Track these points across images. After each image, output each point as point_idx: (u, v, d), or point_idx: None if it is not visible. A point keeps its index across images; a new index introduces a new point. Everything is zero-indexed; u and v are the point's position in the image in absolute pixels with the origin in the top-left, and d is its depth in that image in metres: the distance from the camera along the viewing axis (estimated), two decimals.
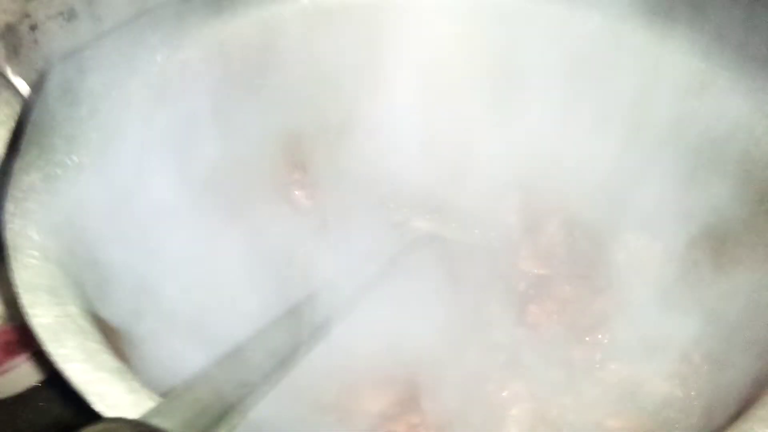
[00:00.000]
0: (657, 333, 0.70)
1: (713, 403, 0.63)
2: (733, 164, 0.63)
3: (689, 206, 0.70)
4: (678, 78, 0.68)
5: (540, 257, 0.77)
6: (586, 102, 0.76)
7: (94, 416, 0.34)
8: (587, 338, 0.68)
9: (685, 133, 0.68)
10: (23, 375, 0.73)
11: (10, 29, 0.74)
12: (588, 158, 0.81)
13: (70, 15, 0.76)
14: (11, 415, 0.72)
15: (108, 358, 0.37)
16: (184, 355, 0.46)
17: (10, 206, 0.44)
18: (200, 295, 0.57)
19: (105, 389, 0.35)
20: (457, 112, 0.81)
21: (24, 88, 0.77)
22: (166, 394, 0.36)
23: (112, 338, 0.41)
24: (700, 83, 0.66)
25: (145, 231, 0.55)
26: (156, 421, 0.32)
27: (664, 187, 0.73)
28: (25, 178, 0.46)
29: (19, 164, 0.48)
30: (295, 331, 0.46)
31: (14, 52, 0.76)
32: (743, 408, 0.44)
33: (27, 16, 0.74)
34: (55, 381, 0.75)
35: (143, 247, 0.56)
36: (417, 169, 0.82)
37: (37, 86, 0.56)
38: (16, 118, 0.63)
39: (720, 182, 0.65)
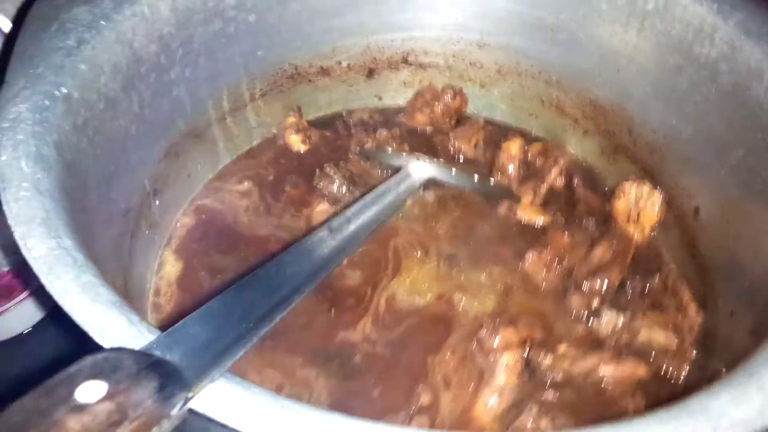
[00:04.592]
0: None
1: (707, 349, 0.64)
2: (741, 110, 0.62)
3: (694, 154, 0.69)
4: (688, 19, 0.66)
5: (539, 205, 0.76)
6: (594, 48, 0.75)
7: (93, 351, 0.33)
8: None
9: (693, 78, 0.67)
10: (18, 318, 0.73)
11: None
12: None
13: None
14: (10, 356, 0.72)
15: (105, 291, 0.35)
16: None
17: None
18: None
19: (104, 321, 0.34)
20: None
21: (7, 25, 0.74)
22: (167, 328, 0.35)
23: None
24: (711, 25, 0.64)
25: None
26: (157, 353, 0.32)
27: (667, 134, 0.72)
28: (13, 109, 0.44)
29: (5, 94, 0.46)
30: (297, 268, 0.45)
31: None
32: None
33: None
34: (50, 322, 0.76)
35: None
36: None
37: (21, 16, 0.54)
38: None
39: (726, 129, 0.64)
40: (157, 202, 0.66)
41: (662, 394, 0.62)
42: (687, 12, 0.66)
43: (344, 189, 0.73)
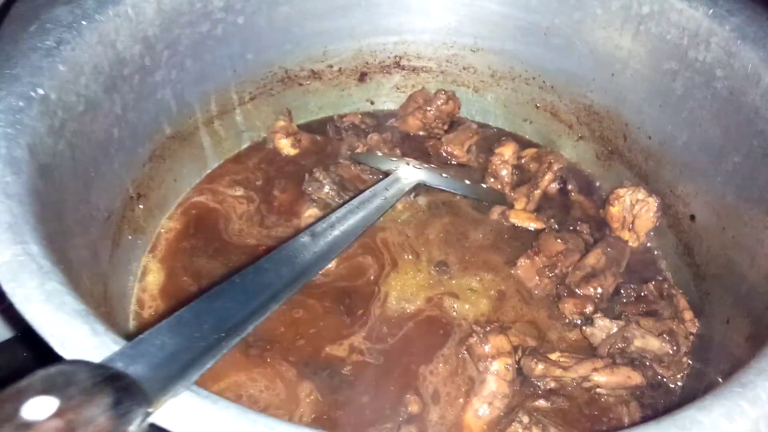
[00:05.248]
0: None
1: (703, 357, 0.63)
2: (737, 116, 0.61)
3: (689, 160, 0.68)
4: (684, 24, 0.65)
5: (532, 211, 0.75)
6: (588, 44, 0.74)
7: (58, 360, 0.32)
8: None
9: (689, 84, 0.66)
10: None
11: None
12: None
13: None
14: None
15: (70, 300, 0.34)
16: None
17: None
18: None
19: (66, 331, 0.33)
20: None
21: None
22: (133, 338, 0.33)
23: None
24: (707, 30, 0.63)
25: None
26: (119, 365, 0.30)
27: (663, 140, 0.71)
28: None
29: None
30: (276, 275, 0.44)
31: None
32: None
33: None
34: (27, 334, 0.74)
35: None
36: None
37: (1, 17, 0.53)
38: None
39: (722, 135, 0.63)
40: (141, 207, 0.64)
41: (658, 402, 0.61)
42: (682, 16, 0.65)
43: (334, 194, 0.72)
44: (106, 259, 0.57)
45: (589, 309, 0.65)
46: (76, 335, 0.33)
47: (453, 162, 0.80)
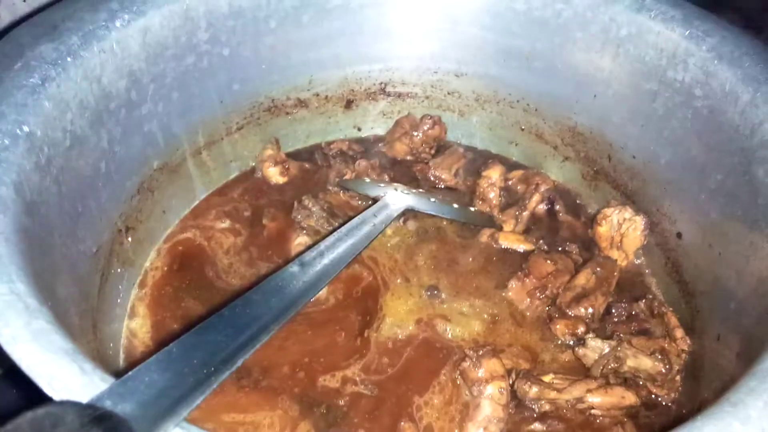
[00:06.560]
0: None
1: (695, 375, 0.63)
2: (718, 134, 0.62)
3: (674, 178, 0.69)
4: (661, 45, 0.66)
5: (521, 232, 0.76)
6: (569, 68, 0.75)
7: (47, 400, 0.32)
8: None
9: (669, 103, 0.67)
10: None
11: None
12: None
13: None
14: None
15: (58, 339, 0.34)
16: None
17: None
18: None
19: (54, 371, 0.32)
20: None
21: None
22: (121, 376, 0.33)
23: None
24: (684, 50, 0.64)
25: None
26: (108, 404, 0.30)
27: (646, 159, 0.72)
28: None
29: None
30: (265, 307, 0.44)
31: None
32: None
33: None
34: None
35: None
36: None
37: None
38: None
39: (704, 153, 0.64)
40: (130, 240, 0.64)
41: (653, 422, 0.61)
42: (660, 38, 0.66)
43: (323, 221, 0.72)
44: (94, 294, 0.56)
45: (580, 330, 0.65)
46: (63, 375, 0.32)
47: (441, 186, 0.80)
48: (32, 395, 0.32)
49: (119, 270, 0.63)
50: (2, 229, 0.39)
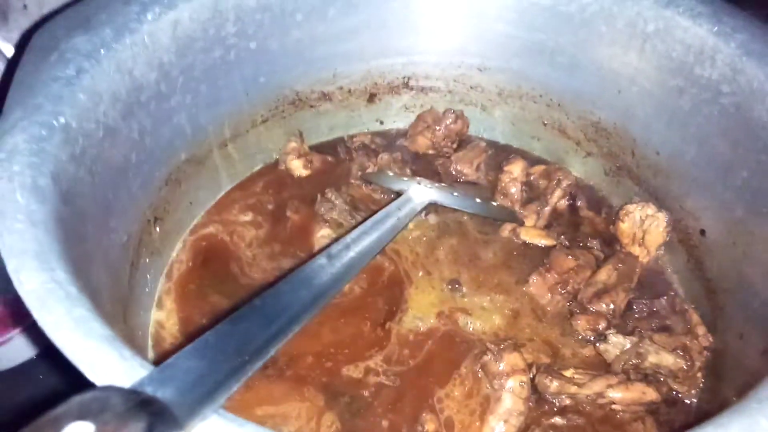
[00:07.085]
0: None
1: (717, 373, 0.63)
2: (744, 131, 0.61)
3: (698, 175, 0.69)
4: (689, 41, 0.66)
5: (543, 227, 0.76)
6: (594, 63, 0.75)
7: (90, 385, 0.33)
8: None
9: (695, 100, 0.66)
10: (19, 348, 0.72)
11: None
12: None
13: None
14: (9, 387, 0.71)
15: (97, 326, 0.35)
16: None
17: None
18: None
19: (95, 357, 0.33)
20: None
21: (10, 52, 0.75)
22: (159, 363, 0.34)
23: None
24: (712, 47, 0.64)
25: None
26: (149, 390, 0.31)
27: (671, 155, 0.72)
28: (9, 140, 0.44)
29: (2, 126, 0.46)
30: (295, 297, 0.45)
31: (3, 18, 0.74)
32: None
33: None
34: (51, 352, 0.75)
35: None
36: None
37: (21, 46, 0.54)
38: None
39: (730, 150, 0.64)
40: (158, 230, 0.65)
41: (674, 418, 0.61)
42: (688, 34, 0.66)
43: (346, 214, 0.73)
44: (125, 283, 0.57)
45: (602, 325, 0.65)
46: (105, 361, 0.33)
47: (462, 180, 0.81)
48: (69, 379, 0.33)
49: (147, 260, 0.64)
50: (42, 218, 0.40)
